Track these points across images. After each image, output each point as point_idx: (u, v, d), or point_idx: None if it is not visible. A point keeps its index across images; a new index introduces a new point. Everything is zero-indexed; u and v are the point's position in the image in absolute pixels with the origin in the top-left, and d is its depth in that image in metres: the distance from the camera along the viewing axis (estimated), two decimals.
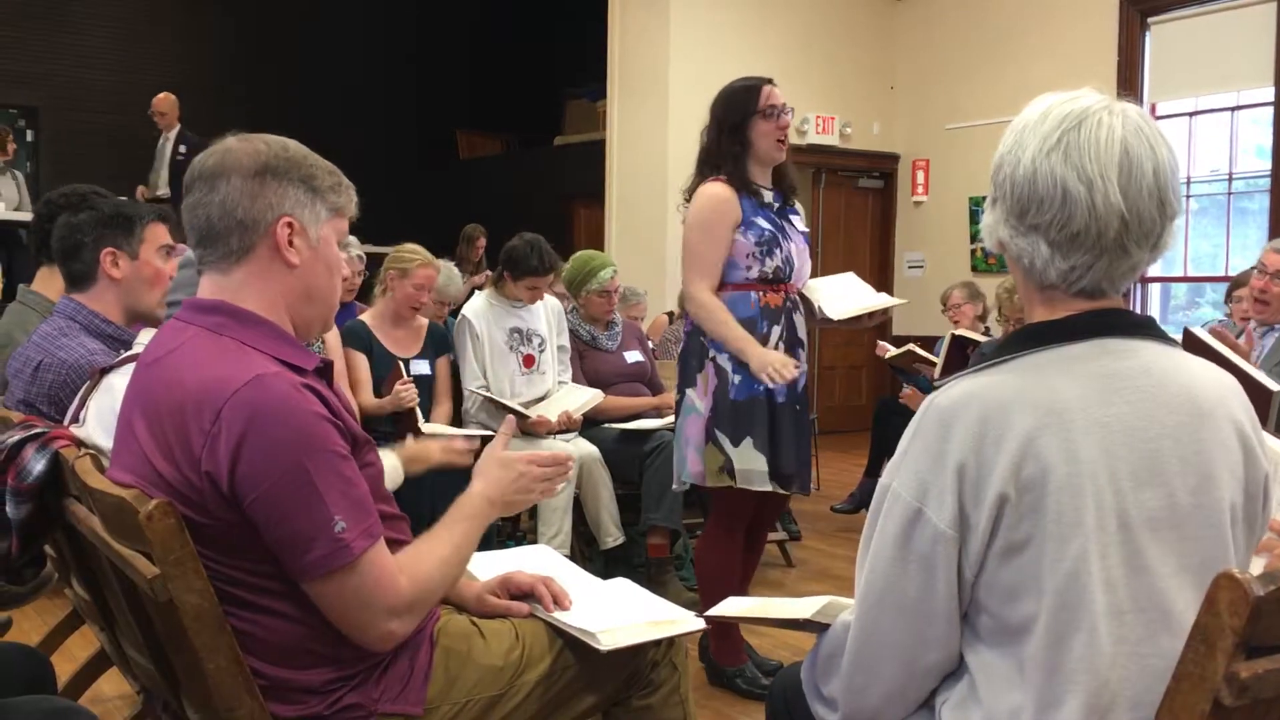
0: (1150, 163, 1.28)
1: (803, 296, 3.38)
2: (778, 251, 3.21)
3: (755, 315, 3.19)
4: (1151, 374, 1.30)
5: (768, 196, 3.27)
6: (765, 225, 3.20)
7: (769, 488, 3.19)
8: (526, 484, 1.82)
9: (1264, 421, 2.47)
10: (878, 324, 3.66)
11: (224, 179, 1.60)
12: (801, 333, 3.31)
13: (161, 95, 9.00)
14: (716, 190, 3.19)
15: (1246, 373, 2.62)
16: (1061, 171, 1.28)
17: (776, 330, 3.23)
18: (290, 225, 1.62)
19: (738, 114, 3.22)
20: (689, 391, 3.28)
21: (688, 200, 3.29)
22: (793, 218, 3.33)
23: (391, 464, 2.41)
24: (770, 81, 3.26)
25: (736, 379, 3.16)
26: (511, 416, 2.03)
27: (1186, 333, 3.00)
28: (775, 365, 3.04)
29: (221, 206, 1.59)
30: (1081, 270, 1.31)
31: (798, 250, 3.29)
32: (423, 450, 2.51)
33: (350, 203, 1.71)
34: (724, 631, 3.38)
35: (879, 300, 3.50)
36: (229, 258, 1.62)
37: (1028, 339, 1.34)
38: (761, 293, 3.22)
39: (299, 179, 1.63)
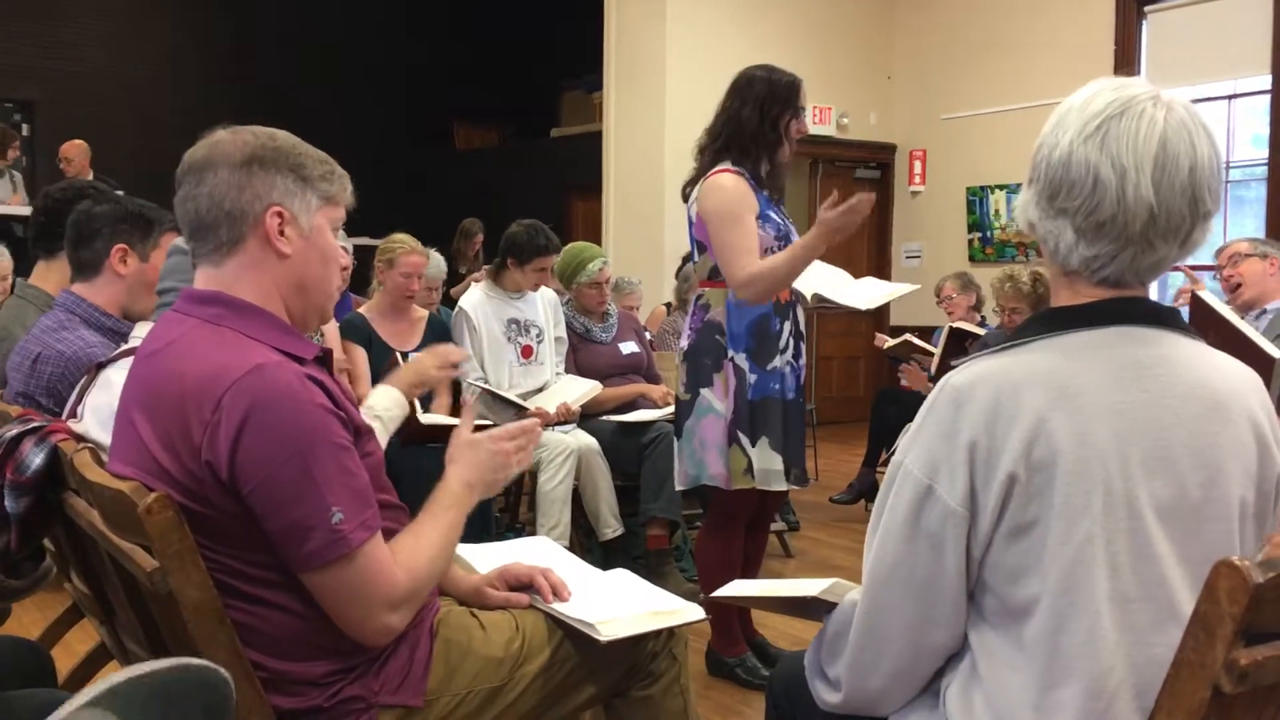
0: (1188, 159, 1.27)
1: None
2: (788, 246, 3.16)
3: (769, 312, 3.15)
4: (1170, 364, 1.30)
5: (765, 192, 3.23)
6: (777, 219, 3.16)
7: (785, 487, 3.18)
8: (501, 460, 1.81)
9: (1267, 388, 2.47)
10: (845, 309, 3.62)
11: (211, 171, 1.59)
12: (802, 325, 3.29)
13: (70, 143, 8.57)
14: (734, 181, 3.10)
15: (1251, 340, 2.62)
16: (1096, 158, 1.27)
17: (788, 326, 3.19)
18: (280, 215, 1.60)
19: (780, 106, 3.14)
20: (704, 392, 3.19)
21: (691, 182, 3.22)
22: (782, 209, 3.30)
23: (393, 398, 2.37)
24: (800, 79, 3.20)
25: (752, 378, 3.14)
26: (473, 396, 2.04)
27: (1194, 298, 3.00)
28: (834, 221, 2.94)
29: (210, 198, 1.59)
30: (1105, 260, 1.30)
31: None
32: (418, 370, 2.47)
33: (344, 191, 1.70)
34: (724, 621, 3.38)
35: (896, 289, 3.51)
36: (219, 250, 1.61)
37: (1048, 322, 1.34)
38: None
39: (287, 168, 1.61)
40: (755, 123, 3.14)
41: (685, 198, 3.27)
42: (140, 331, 2.23)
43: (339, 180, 1.69)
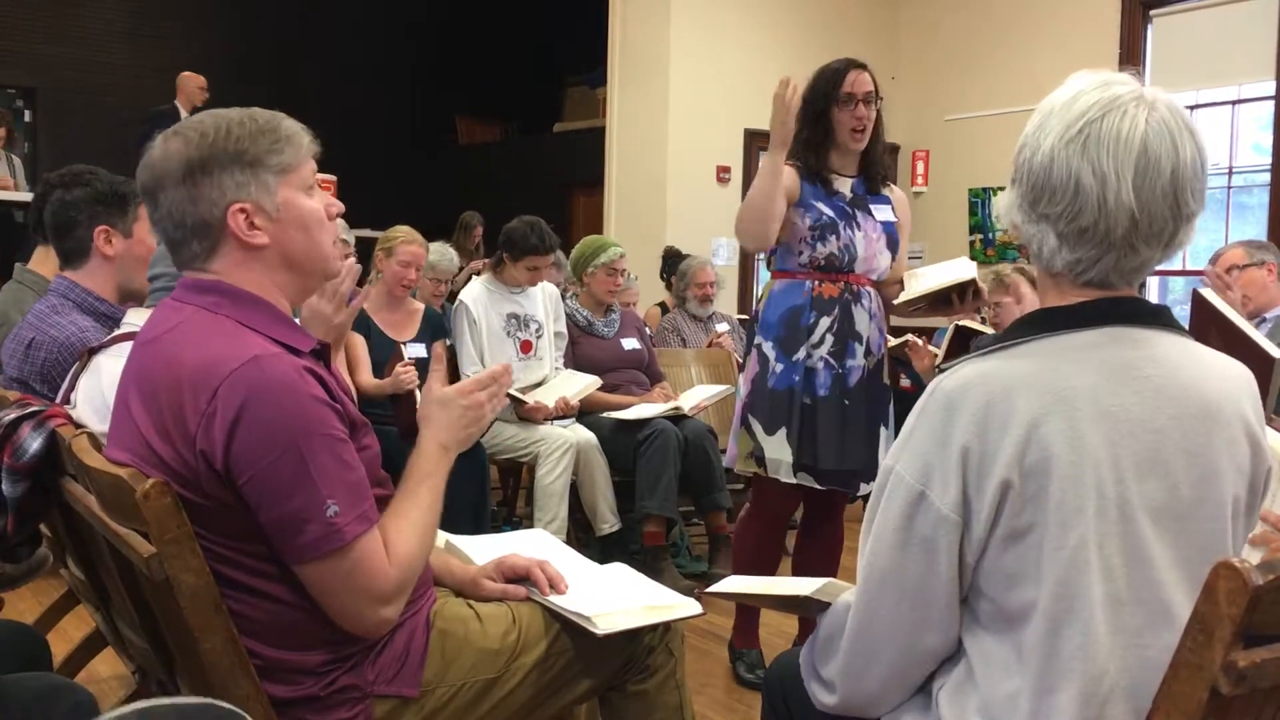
0: (1169, 162, 1.26)
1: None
2: (833, 238, 3.09)
3: (804, 304, 3.12)
4: (1161, 365, 1.29)
5: (841, 185, 3.17)
6: (825, 210, 3.10)
7: (794, 480, 3.12)
8: (475, 413, 1.77)
9: (1267, 388, 2.46)
10: (971, 306, 3.26)
11: (161, 191, 1.57)
12: (861, 325, 3.15)
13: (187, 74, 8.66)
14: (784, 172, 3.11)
15: (1251, 339, 2.62)
16: (1077, 164, 1.27)
17: (825, 321, 3.11)
18: (243, 210, 1.57)
19: (820, 100, 3.13)
20: (740, 375, 3.33)
21: None
22: (874, 207, 3.21)
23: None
24: (859, 65, 3.16)
25: (778, 368, 3.13)
26: (440, 344, 1.97)
27: (1195, 295, 2.99)
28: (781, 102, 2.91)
29: (170, 218, 1.57)
30: (1088, 264, 1.30)
31: (866, 240, 3.15)
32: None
33: (299, 149, 1.61)
34: (743, 611, 3.40)
35: (940, 280, 3.19)
36: (198, 258, 1.60)
37: (1037, 324, 1.33)
38: (816, 282, 3.13)
39: (229, 161, 1.56)
40: (800, 121, 3.13)
41: None
42: (131, 318, 2.22)
43: (290, 142, 1.60)
